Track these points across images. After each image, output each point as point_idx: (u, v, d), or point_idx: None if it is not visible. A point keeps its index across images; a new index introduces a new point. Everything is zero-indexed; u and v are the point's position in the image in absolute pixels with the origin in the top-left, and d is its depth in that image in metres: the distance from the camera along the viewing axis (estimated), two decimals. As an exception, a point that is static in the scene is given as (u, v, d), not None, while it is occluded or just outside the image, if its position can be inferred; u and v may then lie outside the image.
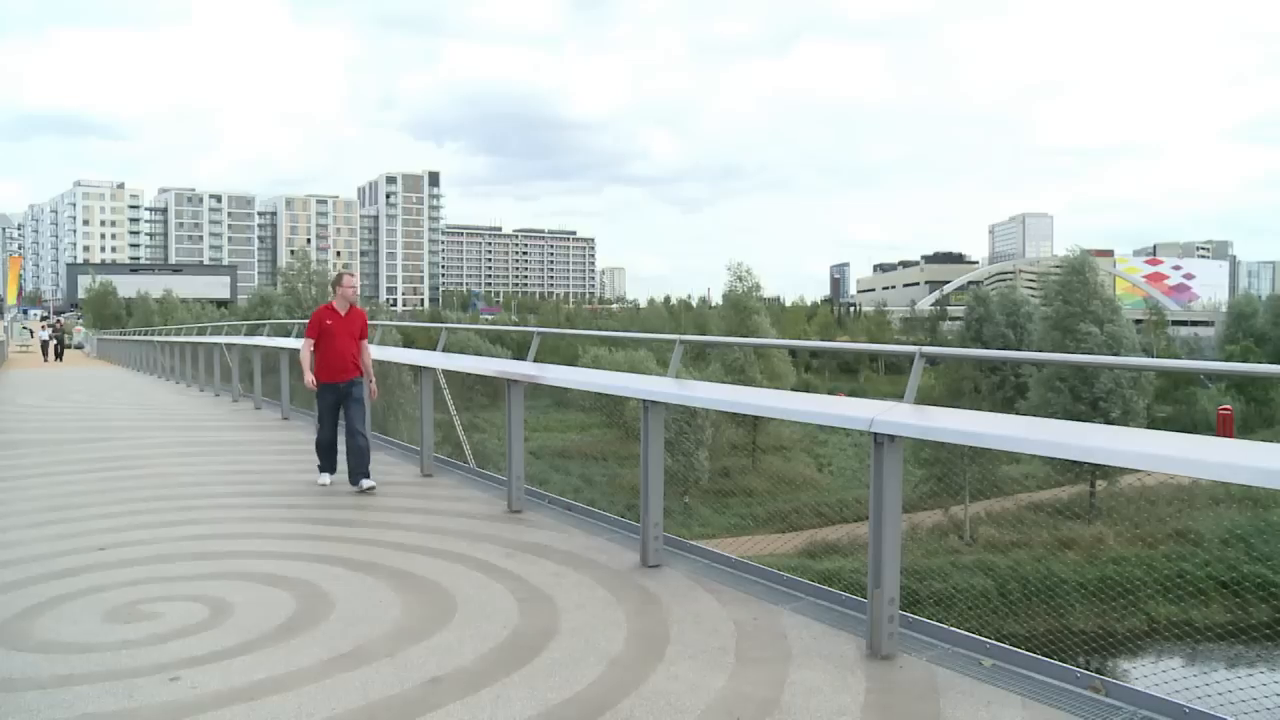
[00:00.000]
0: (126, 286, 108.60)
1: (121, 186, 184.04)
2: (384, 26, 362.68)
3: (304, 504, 8.95)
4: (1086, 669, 4.83)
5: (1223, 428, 43.41)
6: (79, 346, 64.00)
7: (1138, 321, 62.51)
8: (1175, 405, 48.76)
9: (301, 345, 9.82)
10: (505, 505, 8.48)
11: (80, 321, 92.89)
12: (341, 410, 9.66)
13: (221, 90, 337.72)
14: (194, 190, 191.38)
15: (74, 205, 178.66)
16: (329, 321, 9.51)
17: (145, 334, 40.66)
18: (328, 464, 9.81)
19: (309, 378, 9.55)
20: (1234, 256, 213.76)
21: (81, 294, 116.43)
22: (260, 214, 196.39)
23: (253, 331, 22.20)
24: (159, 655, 4.98)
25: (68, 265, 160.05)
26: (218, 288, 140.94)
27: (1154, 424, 36.27)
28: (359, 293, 9.92)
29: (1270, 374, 6.10)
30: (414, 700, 4.44)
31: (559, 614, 5.63)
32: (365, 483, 9.33)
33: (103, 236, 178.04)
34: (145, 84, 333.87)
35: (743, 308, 51.75)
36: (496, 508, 8.58)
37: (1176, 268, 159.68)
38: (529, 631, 5.35)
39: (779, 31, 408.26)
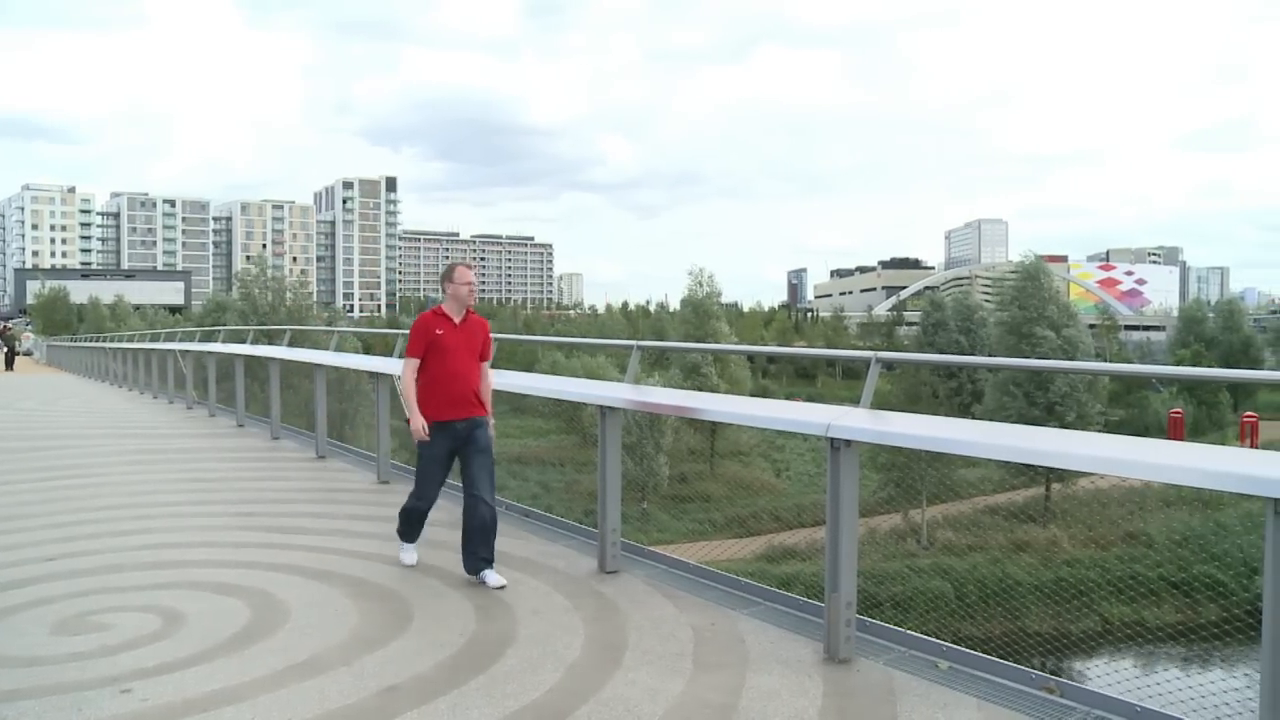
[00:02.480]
0: (78, 292, 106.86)
1: (72, 190, 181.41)
2: (340, 32, 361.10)
3: (259, 512, 8.85)
4: (1042, 670, 4.88)
5: (1174, 431, 44.09)
6: (28, 353, 63.02)
7: (1091, 326, 63.28)
8: (1128, 409, 49.42)
9: (403, 370, 6.65)
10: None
11: (29, 328, 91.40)
12: (458, 464, 6.74)
13: (175, 94, 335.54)
14: (147, 195, 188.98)
15: (22, 209, 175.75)
16: (439, 331, 6.57)
17: (97, 340, 40.07)
18: (413, 533, 6.97)
19: (418, 422, 6.43)
20: (1184, 262, 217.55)
21: (31, 299, 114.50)
22: (215, 219, 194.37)
23: (207, 338, 21.95)
24: (109, 667, 4.90)
25: (15, 270, 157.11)
26: (171, 293, 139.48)
27: (1108, 427, 36.71)
28: (470, 294, 6.81)
29: (1219, 378, 6.20)
30: (371, 709, 4.41)
31: (516, 621, 5.61)
32: (493, 577, 6.39)
33: (53, 241, 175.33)
34: (97, 87, 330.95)
35: (703, 312, 51.85)
36: (454, 515, 8.52)
37: (1129, 273, 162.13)
38: (486, 639, 5.32)
39: (736, 39, 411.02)
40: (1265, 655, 3.64)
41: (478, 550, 6.47)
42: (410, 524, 6.92)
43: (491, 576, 6.37)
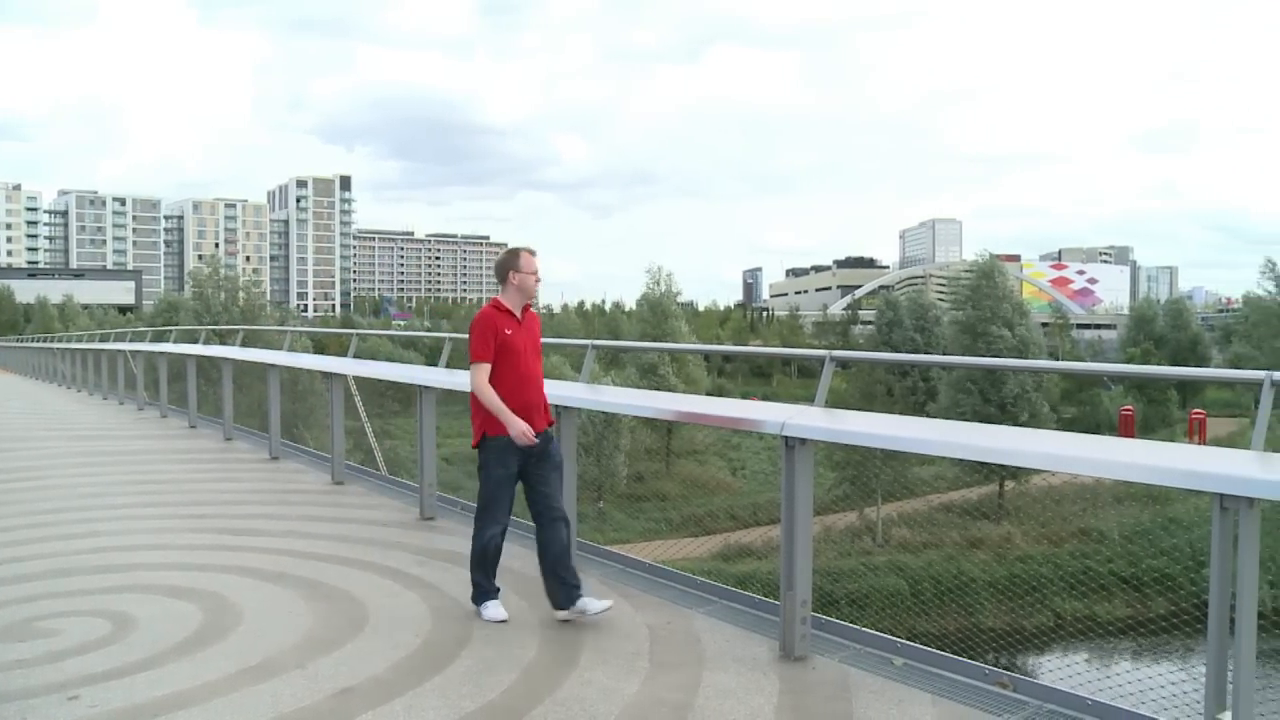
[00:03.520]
0: (24, 292, 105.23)
1: (18, 188, 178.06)
2: (293, 29, 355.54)
3: (211, 514, 8.74)
4: (996, 666, 4.92)
5: (1124, 428, 44.69)
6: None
7: (1044, 325, 64.07)
8: (1080, 406, 50.06)
9: (476, 378, 5.55)
10: (418, 513, 8.41)
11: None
12: (526, 481, 5.75)
13: (125, 91, 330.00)
14: (96, 193, 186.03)
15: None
16: (508, 331, 5.56)
17: (45, 340, 39.46)
18: (491, 579, 5.75)
19: (519, 424, 5.46)
20: (1134, 261, 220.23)
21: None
22: (166, 218, 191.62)
23: (159, 338, 21.68)
24: (56, 674, 4.81)
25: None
26: (121, 293, 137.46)
27: (1061, 425, 37.15)
28: (538, 284, 5.78)
29: (1168, 376, 6.29)
30: (325, 711, 4.37)
31: (472, 622, 5.58)
32: (593, 603, 5.53)
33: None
34: (45, 83, 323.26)
35: (660, 310, 51.91)
36: (408, 515, 8.49)
37: (1081, 272, 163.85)
38: (442, 640, 5.30)
39: (691, 38, 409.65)
40: (1211, 646, 3.71)
41: (566, 578, 5.55)
42: (487, 565, 5.70)
43: (592, 603, 5.52)
